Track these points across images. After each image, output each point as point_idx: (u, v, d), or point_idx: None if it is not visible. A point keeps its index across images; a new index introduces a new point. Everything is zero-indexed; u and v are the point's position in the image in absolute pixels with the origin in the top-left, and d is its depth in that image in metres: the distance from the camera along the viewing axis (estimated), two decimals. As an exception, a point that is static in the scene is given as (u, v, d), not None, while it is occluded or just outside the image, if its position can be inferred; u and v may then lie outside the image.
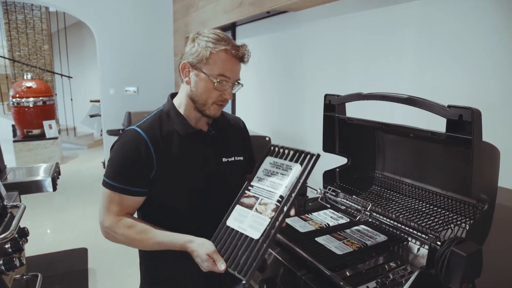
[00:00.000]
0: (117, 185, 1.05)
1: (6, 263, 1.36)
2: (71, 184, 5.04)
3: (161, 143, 1.08)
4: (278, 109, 2.77)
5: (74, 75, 7.30)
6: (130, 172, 1.06)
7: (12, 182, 2.20)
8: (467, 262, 0.85)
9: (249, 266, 0.90)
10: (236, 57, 1.06)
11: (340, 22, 2.00)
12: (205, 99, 1.08)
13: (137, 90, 5.01)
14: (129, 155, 1.06)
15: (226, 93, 1.08)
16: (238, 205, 1.03)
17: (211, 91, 1.07)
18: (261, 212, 0.97)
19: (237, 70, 1.09)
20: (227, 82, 1.07)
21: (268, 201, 0.99)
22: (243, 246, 0.93)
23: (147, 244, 1.05)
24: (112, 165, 1.08)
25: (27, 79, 5.70)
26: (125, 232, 1.05)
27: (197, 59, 1.06)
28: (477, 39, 1.30)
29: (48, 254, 3.03)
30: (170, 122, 1.13)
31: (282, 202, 0.96)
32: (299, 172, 1.00)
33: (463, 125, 0.96)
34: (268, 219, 0.94)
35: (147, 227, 1.06)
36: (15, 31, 6.87)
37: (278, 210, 0.95)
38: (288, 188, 0.98)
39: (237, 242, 0.95)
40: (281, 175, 1.03)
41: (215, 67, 1.05)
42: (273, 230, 0.93)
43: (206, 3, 3.52)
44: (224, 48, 1.04)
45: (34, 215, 3.84)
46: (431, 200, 1.29)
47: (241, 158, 1.23)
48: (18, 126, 5.77)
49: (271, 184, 1.03)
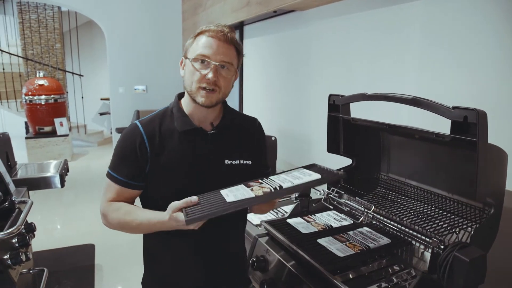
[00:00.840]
0: (114, 174, 1.09)
1: (12, 257, 1.39)
2: (81, 180, 5.11)
3: (157, 138, 1.08)
4: (284, 108, 2.76)
5: (85, 73, 7.40)
6: (125, 164, 1.08)
7: (22, 178, 2.24)
8: (470, 267, 0.83)
9: (198, 216, 0.90)
10: (214, 36, 1.04)
11: (346, 21, 1.98)
12: (190, 83, 1.06)
13: (146, 88, 5.05)
14: (125, 148, 1.08)
15: (208, 73, 1.03)
16: (243, 184, 1.05)
17: (193, 72, 1.05)
18: (253, 190, 0.98)
19: (218, 49, 1.04)
20: (206, 60, 1.03)
21: (266, 185, 1.00)
22: (213, 205, 0.94)
23: (133, 225, 1.05)
24: (112, 156, 1.12)
25: (39, 77, 5.80)
26: (113, 215, 1.08)
27: (185, 50, 1.10)
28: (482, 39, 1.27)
29: (56, 249, 3.08)
30: (172, 119, 1.12)
31: (277, 190, 0.98)
32: (313, 179, 1.03)
33: (468, 127, 0.94)
34: (252, 195, 0.96)
35: (132, 208, 1.08)
36: (29, 30, 6.99)
37: (267, 193, 0.97)
38: (292, 185, 1.00)
39: (211, 201, 0.96)
40: (297, 178, 1.05)
41: (194, 49, 1.06)
42: (247, 203, 0.95)
43: (214, 3, 3.53)
44: (202, 30, 1.06)
45: (44, 211, 3.90)
46: (436, 203, 1.27)
47: (249, 162, 1.16)
48: (30, 123, 5.88)
49: (282, 179, 1.05)
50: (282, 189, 0.98)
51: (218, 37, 1.04)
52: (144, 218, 1.03)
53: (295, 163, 2.59)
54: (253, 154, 1.19)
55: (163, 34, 5.03)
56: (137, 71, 4.98)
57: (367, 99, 1.23)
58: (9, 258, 1.39)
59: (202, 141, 1.11)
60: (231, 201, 0.94)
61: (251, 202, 0.96)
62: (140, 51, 4.95)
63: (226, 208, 0.91)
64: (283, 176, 1.08)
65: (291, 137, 2.62)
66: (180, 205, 0.94)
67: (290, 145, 2.63)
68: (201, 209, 0.92)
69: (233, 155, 1.14)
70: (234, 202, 0.93)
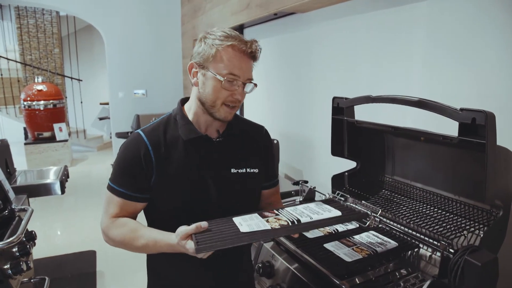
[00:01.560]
0: (115, 187, 1.04)
1: (13, 267, 1.37)
2: (81, 186, 5.08)
3: (162, 147, 1.04)
4: (286, 111, 2.74)
5: (84, 78, 7.39)
6: (128, 176, 1.03)
7: (21, 185, 2.22)
8: (482, 271, 0.82)
9: (209, 246, 0.83)
10: (245, 53, 0.98)
11: (348, 23, 1.97)
12: (214, 100, 1.00)
13: (145, 93, 5.04)
14: (128, 159, 1.03)
15: (236, 92, 1.00)
16: (257, 213, 1.00)
17: (220, 90, 0.99)
18: (268, 222, 0.93)
19: (246, 68, 1.00)
20: (236, 80, 0.99)
21: (283, 218, 0.96)
22: (224, 233, 0.88)
23: (138, 244, 0.99)
24: (114, 168, 1.06)
25: (38, 83, 5.78)
26: (117, 231, 1.01)
27: (204, 58, 1.00)
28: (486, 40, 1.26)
29: (57, 256, 3.05)
30: (176, 126, 1.08)
31: (295, 224, 0.93)
32: (333, 216, 1.00)
33: (476, 129, 0.92)
34: (268, 227, 0.90)
35: (138, 226, 1.01)
36: (27, 35, 6.98)
37: (285, 227, 0.91)
38: (311, 220, 0.96)
39: (223, 229, 0.91)
40: (316, 212, 1.02)
41: (222, 64, 0.98)
42: (263, 236, 0.89)
43: (213, 6, 3.52)
44: (231, 43, 0.97)
45: (44, 217, 3.87)
46: (443, 205, 1.26)
47: (256, 170, 1.13)
48: (29, 128, 5.86)
49: (299, 212, 1.01)
50: (300, 224, 0.93)
51: (247, 55, 0.99)
52: (150, 238, 0.97)
53: (297, 166, 2.57)
54: (260, 162, 1.15)
55: (162, 38, 5.02)
56: (136, 75, 4.97)
57: (371, 101, 1.22)
58: (10, 268, 1.37)
59: (208, 149, 1.07)
60: (245, 231, 0.88)
61: (266, 236, 0.90)
62: (139, 55, 4.94)
63: (240, 240, 0.85)
64: (300, 208, 1.04)
65: (293, 140, 2.60)
66: (189, 231, 0.88)
67: (292, 148, 2.61)
68: (212, 238, 0.86)
69: (239, 164, 1.10)
70: (248, 233, 0.88)
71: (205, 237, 0.86)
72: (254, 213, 1.00)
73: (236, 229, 0.90)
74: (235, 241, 0.85)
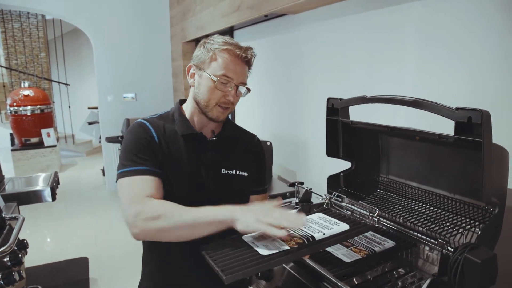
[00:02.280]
0: (137, 168, 0.99)
1: (5, 277, 1.34)
2: (70, 192, 5.00)
3: (162, 139, 1.08)
4: (278, 113, 2.74)
5: (71, 82, 7.27)
6: (146, 152, 1.02)
7: (11, 193, 2.16)
8: (482, 268, 0.82)
9: (239, 273, 0.80)
10: (239, 58, 1.06)
11: (339, 24, 1.98)
12: (207, 99, 1.07)
13: (135, 96, 4.98)
14: (139, 138, 1.04)
15: (229, 94, 1.06)
16: None
17: (213, 91, 1.05)
18: (284, 240, 0.92)
19: (240, 72, 1.07)
20: (229, 82, 1.06)
21: (296, 234, 0.96)
22: (243, 256, 0.86)
23: (187, 216, 0.91)
24: (125, 153, 1.03)
25: (25, 88, 5.69)
26: (157, 211, 0.91)
27: (201, 60, 1.08)
28: (479, 39, 1.28)
29: (48, 264, 2.99)
30: (174, 122, 1.13)
31: (312, 242, 0.93)
32: (343, 230, 1.02)
33: (472, 128, 0.93)
34: (287, 247, 0.90)
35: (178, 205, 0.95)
36: (12, 39, 6.85)
37: (305, 246, 0.91)
38: (324, 236, 0.97)
39: (239, 251, 0.88)
40: (325, 227, 1.04)
41: (217, 66, 1.05)
42: (287, 259, 0.88)
43: (203, 8, 3.51)
44: (227, 47, 1.05)
45: (33, 225, 3.80)
46: (439, 204, 1.27)
47: (245, 174, 1.17)
48: (16, 134, 5.75)
49: (309, 228, 1.02)
50: (317, 242, 0.95)
51: (241, 59, 1.06)
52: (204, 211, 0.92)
53: (291, 167, 2.57)
54: (250, 167, 1.20)
55: (151, 40, 4.98)
56: (125, 78, 4.91)
57: (366, 102, 1.22)
58: (2, 278, 1.33)
59: (202, 147, 1.13)
60: (266, 254, 0.86)
61: (290, 258, 0.88)
62: (128, 58, 4.89)
63: (268, 264, 0.84)
64: (310, 225, 1.06)
65: (286, 141, 2.60)
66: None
67: (285, 150, 2.61)
68: (233, 263, 0.84)
69: (230, 165, 1.15)
70: (272, 256, 0.86)
71: (225, 262, 0.84)
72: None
73: (254, 251, 0.88)
74: (263, 266, 0.83)
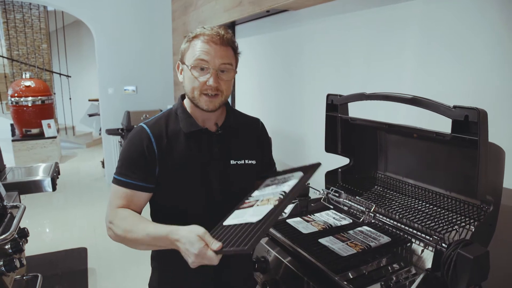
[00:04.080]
0: (122, 179, 1.05)
1: (6, 264, 1.36)
2: (70, 183, 5.02)
3: (164, 139, 1.07)
4: (277, 108, 2.75)
5: (72, 74, 7.27)
6: (134, 166, 1.05)
7: (12, 182, 2.18)
8: (474, 264, 0.84)
9: (249, 239, 0.80)
10: (210, 40, 1.01)
11: (341, 21, 1.99)
12: (191, 90, 1.05)
13: (136, 89, 4.98)
14: (132, 150, 1.06)
15: (209, 80, 1.02)
16: (237, 209, 1.01)
17: (193, 80, 1.04)
18: (264, 204, 0.95)
19: (216, 54, 1.02)
20: (205, 68, 1.02)
21: (270, 196, 0.98)
22: (241, 232, 0.86)
23: (138, 237, 0.96)
24: (119, 161, 1.08)
25: (26, 78, 5.68)
26: (120, 223, 0.99)
27: (182, 54, 1.08)
28: (479, 38, 1.29)
29: (47, 254, 3.02)
30: (177, 120, 1.12)
31: (285, 195, 0.96)
32: (300, 176, 1.04)
33: (468, 126, 0.95)
34: (271, 206, 0.90)
35: (140, 218, 1.00)
36: (14, 30, 6.83)
37: (281, 200, 0.93)
38: (290, 186, 0.99)
39: (234, 232, 0.88)
40: (282, 183, 1.05)
41: (191, 54, 1.04)
42: (274, 214, 0.87)
43: (205, 2, 3.50)
44: (196, 34, 1.04)
45: (33, 214, 3.82)
46: (435, 201, 1.28)
47: (253, 162, 1.18)
48: (16, 125, 5.75)
49: (273, 189, 1.04)
50: (289, 192, 0.96)
51: (214, 41, 1.02)
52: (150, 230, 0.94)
53: (291, 163, 2.59)
54: (257, 154, 1.21)
55: (153, 34, 4.97)
56: (126, 71, 4.91)
57: (366, 98, 1.23)
58: (3, 265, 1.35)
59: (208, 142, 1.12)
60: (260, 219, 0.85)
61: (280, 209, 0.89)
62: (130, 51, 4.88)
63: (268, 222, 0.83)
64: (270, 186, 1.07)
65: (285, 137, 2.62)
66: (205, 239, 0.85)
67: (285, 145, 2.63)
68: (241, 237, 0.82)
69: (238, 155, 1.15)
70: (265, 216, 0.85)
71: (233, 241, 0.83)
72: (234, 211, 0.99)
73: (248, 223, 0.87)
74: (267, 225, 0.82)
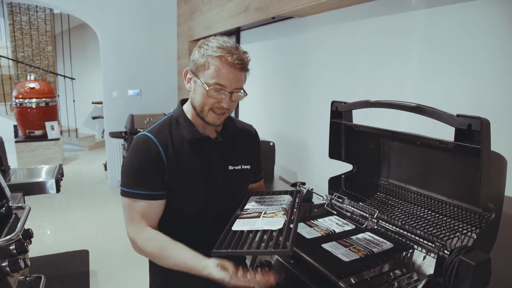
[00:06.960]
0: (137, 192, 1.05)
1: (11, 264, 1.36)
2: (72, 185, 5.04)
3: (170, 147, 1.09)
4: (282, 114, 2.77)
5: (76, 76, 7.31)
6: (148, 176, 1.06)
7: (16, 183, 2.20)
8: (476, 271, 0.85)
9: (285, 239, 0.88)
10: (232, 65, 1.03)
11: (346, 29, 2.01)
12: (202, 105, 1.08)
13: (140, 93, 5.02)
14: (143, 160, 1.06)
15: (222, 101, 1.06)
16: (239, 218, 1.04)
17: (207, 98, 1.05)
18: (272, 217, 0.98)
19: (233, 78, 1.04)
20: (222, 89, 1.04)
21: (274, 210, 1.02)
22: (264, 237, 0.91)
23: (168, 262, 1.01)
24: (128, 172, 1.07)
25: (30, 80, 5.72)
26: (147, 244, 1.03)
27: (196, 66, 1.07)
28: (482, 47, 1.31)
29: (50, 255, 3.03)
30: (179, 127, 1.14)
31: (289, 210, 1.01)
32: (290, 199, 1.13)
33: (471, 135, 0.96)
34: (283, 219, 0.97)
35: (166, 243, 1.01)
36: (19, 32, 6.90)
37: (288, 213, 0.98)
38: (288, 206, 1.07)
39: (254, 238, 0.91)
40: (273, 201, 1.13)
41: (210, 74, 1.03)
42: (292, 224, 0.96)
43: (211, 8, 3.54)
44: (219, 55, 1.02)
45: (35, 216, 3.82)
46: (437, 208, 1.29)
47: (248, 167, 1.24)
48: (20, 126, 5.78)
49: (268, 205, 1.11)
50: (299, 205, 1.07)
51: (234, 66, 1.03)
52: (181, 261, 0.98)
53: (293, 168, 2.60)
54: (251, 159, 1.27)
55: (158, 38, 5.01)
56: (130, 74, 4.95)
57: (370, 106, 1.25)
58: (8, 266, 1.36)
59: (210, 149, 1.16)
60: (281, 227, 0.95)
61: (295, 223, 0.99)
62: (134, 55, 4.92)
63: (290, 229, 0.95)
64: (262, 204, 1.16)
65: (289, 142, 2.63)
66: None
67: (288, 151, 2.64)
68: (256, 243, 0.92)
69: (235, 161, 1.21)
70: (286, 227, 0.95)
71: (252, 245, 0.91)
72: (236, 220, 1.05)
73: (260, 230, 0.95)
74: (294, 232, 0.93)
